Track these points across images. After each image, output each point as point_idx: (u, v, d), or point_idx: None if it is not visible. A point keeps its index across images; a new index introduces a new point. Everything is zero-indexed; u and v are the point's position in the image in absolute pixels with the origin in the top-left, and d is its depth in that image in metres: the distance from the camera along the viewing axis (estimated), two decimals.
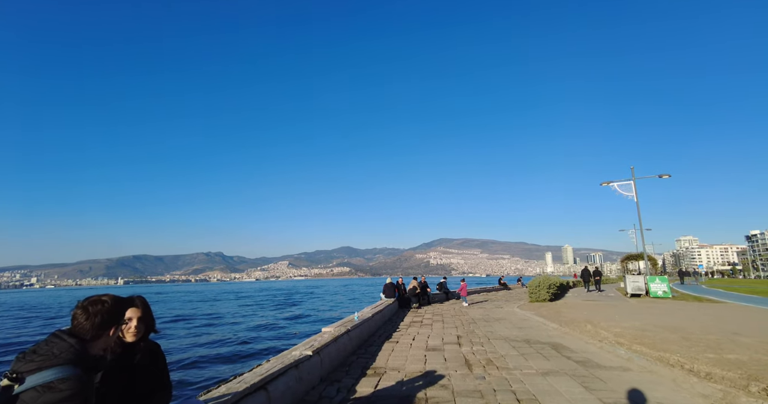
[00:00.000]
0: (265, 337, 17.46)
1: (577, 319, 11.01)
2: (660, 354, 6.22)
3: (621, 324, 9.81)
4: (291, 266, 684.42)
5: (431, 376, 5.48)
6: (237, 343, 15.84)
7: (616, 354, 6.49)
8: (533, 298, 18.39)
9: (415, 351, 7.24)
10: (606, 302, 17.63)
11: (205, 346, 15.14)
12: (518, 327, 10.17)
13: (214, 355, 13.36)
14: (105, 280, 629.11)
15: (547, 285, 18.40)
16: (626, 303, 16.85)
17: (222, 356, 13.26)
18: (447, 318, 12.58)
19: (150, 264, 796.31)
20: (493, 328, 9.98)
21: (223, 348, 14.69)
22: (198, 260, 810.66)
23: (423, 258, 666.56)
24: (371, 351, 7.40)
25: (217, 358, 12.88)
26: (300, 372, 4.61)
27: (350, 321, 8.31)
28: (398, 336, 9.12)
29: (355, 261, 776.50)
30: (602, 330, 8.95)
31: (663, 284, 19.42)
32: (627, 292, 20.68)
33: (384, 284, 15.62)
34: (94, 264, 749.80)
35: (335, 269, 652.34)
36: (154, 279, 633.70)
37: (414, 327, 10.64)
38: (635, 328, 9.08)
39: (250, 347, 14.94)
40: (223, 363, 12.18)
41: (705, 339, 7.52)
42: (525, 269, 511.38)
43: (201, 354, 13.46)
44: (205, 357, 12.95)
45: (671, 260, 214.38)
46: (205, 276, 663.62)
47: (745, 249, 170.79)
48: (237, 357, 13.08)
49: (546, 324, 10.35)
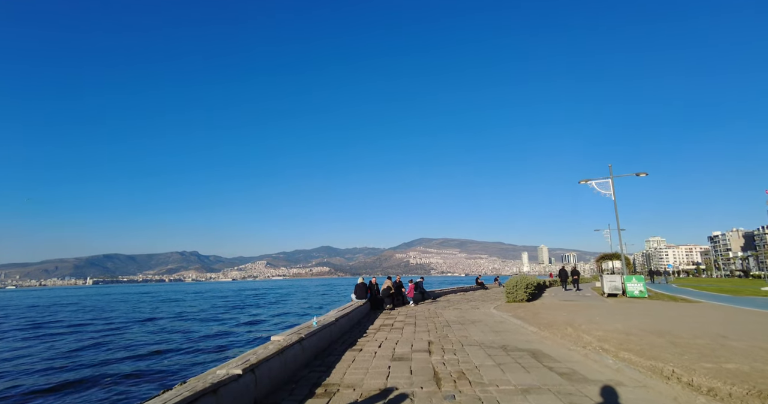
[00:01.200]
0: (193, 350, 15.03)
1: (556, 322, 10.35)
2: (652, 363, 5.51)
3: (603, 326, 9.18)
4: (269, 266, 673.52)
5: (392, 396, 4.57)
6: (145, 357, 13.58)
7: (604, 363, 5.76)
8: (510, 298, 17.82)
9: (379, 362, 6.33)
10: (584, 302, 17.22)
11: (101, 365, 12.64)
12: (495, 330, 9.42)
13: (98, 376, 11.20)
14: (72, 280, 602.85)
15: (524, 285, 17.86)
16: (604, 303, 16.46)
17: (120, 373, 11.24)
18: (420, 320, 11.74)
19: (121, 264, 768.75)
20: (468, 332, 9.19)
21: (123, 366, 12.30)
22: (172, 259, 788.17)
23: (403, 258, 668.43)
24: (328, 362, 6.44)
25: (103, 380, 10.76)
26: (219, 398, 3.61)
27: (307, 327, 7.33)
28: (364, 342, 8.19)
29: (334, 260, 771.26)
30: (584, 333, 8.27)
31: (639, 284, 19.21)
32: (604, 292, 20.41)
33: (355, 284, 14.66)
34: (60, 264, 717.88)
35: (314, 269, 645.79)
36: (126, 279, 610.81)
37: (383, 331, 9.73)
38: (619, 332, 8.45)
39: (163, 364, 12.63)
40: (103, 389, 9.96)
41: (695, 344, 6.91)
42: (502, 269, 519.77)
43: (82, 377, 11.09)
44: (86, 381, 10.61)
45: (641, 260, 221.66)
46: (180, 276, 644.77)
47: (708, 250, 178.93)
48: (137, 379, 10.88)
49: (524, 328, 9.64)
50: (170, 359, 13.55)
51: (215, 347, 15.76)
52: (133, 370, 11.88)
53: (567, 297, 20.59)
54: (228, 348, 15.35)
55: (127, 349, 15.30)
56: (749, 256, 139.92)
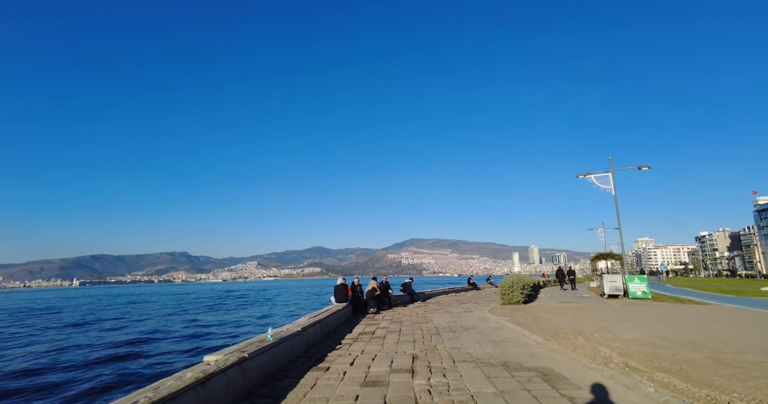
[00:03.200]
0: (80, 379, 10.62)
1: (561, 328, 8.97)
2: (708, 392, 4.11)
3: (619, 335, 7.81)
4: (260, 266, 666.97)
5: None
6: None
7: (642, 392, 4.34)
8: (506, 300, 16.46)
9: (346, 389, 4.84)
10: (584, 304, 15.93)
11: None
12: (492, 340, 7.99)
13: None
14: (58, 281, 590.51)
15: (520, 285, 16.50)
16: (607, 305, 15.17)
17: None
18: (406, 326, 10.28)
19: (109, 265, 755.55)
20: (461, 342, 7.75)
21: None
22: (162, 260, 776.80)
23: (395, 259, 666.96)
24: (279, 389, 4.93)
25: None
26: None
27: (259, 341, 5.81)
28: (334, 357, 6.70)
29: (326, 261, 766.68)
30: (599, 345, 6.88)
31: (642, 284, 18.01)
32: (603, 293, 19.19)
33: (334, 286, 13.13)
34: (45, 265, 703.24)
35: (306, 269, 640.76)
36: (114, 280, 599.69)
37: (361, 341, 8.25)
38: (640, 342, 7.08)
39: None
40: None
41: (746, 361, 5.55)
42: (493, 269, 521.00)
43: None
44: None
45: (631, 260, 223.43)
46: (169, 277, 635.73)
47: (695, 250, 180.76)
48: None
49: (526, 336, 8.23)
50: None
51: (99, 384, 10.26)
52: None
53: (565, 298, 19.33)
54: (127, 378, 10.61)
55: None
56: (735, 256, 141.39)
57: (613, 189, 19.65)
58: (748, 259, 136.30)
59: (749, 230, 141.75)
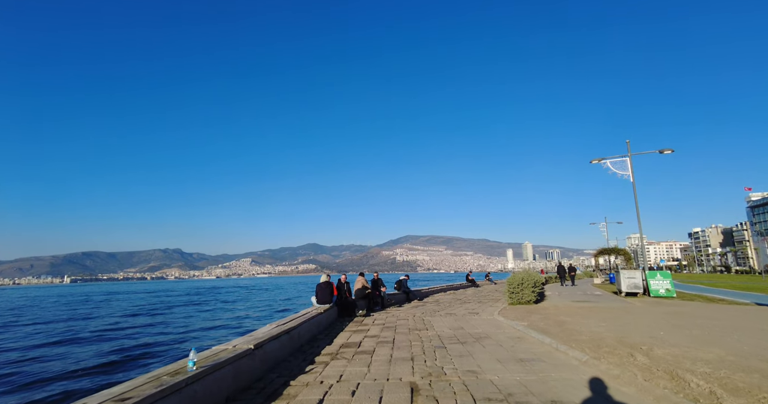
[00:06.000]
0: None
1: (603, 339, 6.95)
2: None
3: (691, 352, 5.80)
4: (254, 263, 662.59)
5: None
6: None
7: None
8: (514, 300, 14.44)
9: None
10: (603, 304, 13.98)
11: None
12: (518, 357, 5.94)
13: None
14: (49, 279, 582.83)
15: (531, 282, 14.50)
16: (631, 305, 13.22)
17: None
18: (402, 335, 8.21)
19: (101, 262, 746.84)
20: (477, 362, 5.68)
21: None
22: (154, 257, 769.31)
23: (390, 255, 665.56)
24: None
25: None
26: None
27: (174, 372, 3.69)
28: (299, 389, 4.60)
29: (321, 258, 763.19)
30: (677, 368, 4.86)
31: (665, 281, 16.10)
32: (620, 290, 17.29)
33: (317, 284, 11.00)
34: (36, 262, 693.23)
35: (300, 266, 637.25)
36: (106, 277, 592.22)
37: (341, 358, 6.16)
38: (732, 365, 5.06)
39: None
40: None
41: None
42: (487, 265, 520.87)
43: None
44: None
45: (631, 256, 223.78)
46: (162, 274, 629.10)
47: (688, 246, 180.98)
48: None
49: (562, 352, 6.18)
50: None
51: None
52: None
53: (576, 296, 17.41)
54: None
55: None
56: (728, 252, 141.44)
57: (631, 175, 17.70)
58: (740, 255, 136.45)
59: (742, 226, 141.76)
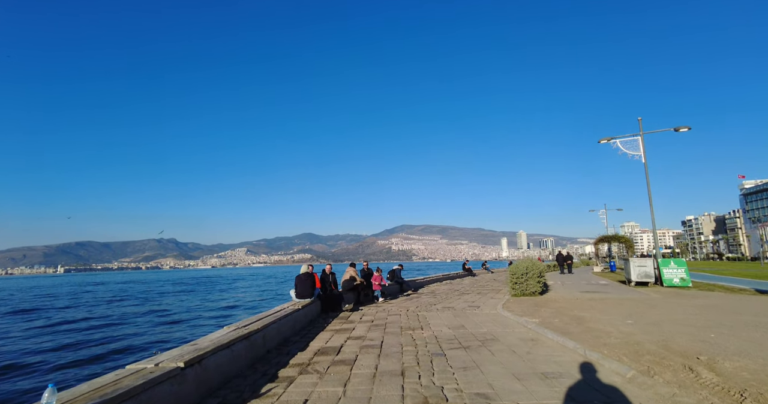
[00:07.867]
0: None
1: (639, 342, 5.61)
2: None
3: None
4: (249, 253, 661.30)
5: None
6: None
7: None
8: (517, 291, 13.12)
9: None
10: (615, 295, 12.74)
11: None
12: (538, 370, 4.59)
13: None
14: (42, 269, 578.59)
15: (537, 272, 13.19)
16: (649, 297, 11.97)
17: None
18: (391, 336, 6.85)
19: (95, 252, 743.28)
20: (487, 378, 4.32)
21: None
22: (149, 247, 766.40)
23: (385, 245, 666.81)
24: None
25: None
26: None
27: None
28: None
29: (317, 247, 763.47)
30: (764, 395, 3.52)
31: (680, 269, 14.87)
32: (630, 279, 16.09)
33: (296, 276, 9.59)
34: (29, 252, 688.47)
35: (296, 256, 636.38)
36: (100, 267, 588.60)
37: (311, 373, 4.77)
38: None
39: None
40: None
41: None
42: (482, 254, 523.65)
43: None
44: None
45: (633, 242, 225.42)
46: (157, 264, 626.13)
47: (680, 234, 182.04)
48: None
49: (596, 362, 4.83)
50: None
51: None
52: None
53: (582, 286, 16.22)
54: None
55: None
56: (720, 240, 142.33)
57: (642, 155, 16.34)
58: (732, 243, 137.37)
59: (734, 214, 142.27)
